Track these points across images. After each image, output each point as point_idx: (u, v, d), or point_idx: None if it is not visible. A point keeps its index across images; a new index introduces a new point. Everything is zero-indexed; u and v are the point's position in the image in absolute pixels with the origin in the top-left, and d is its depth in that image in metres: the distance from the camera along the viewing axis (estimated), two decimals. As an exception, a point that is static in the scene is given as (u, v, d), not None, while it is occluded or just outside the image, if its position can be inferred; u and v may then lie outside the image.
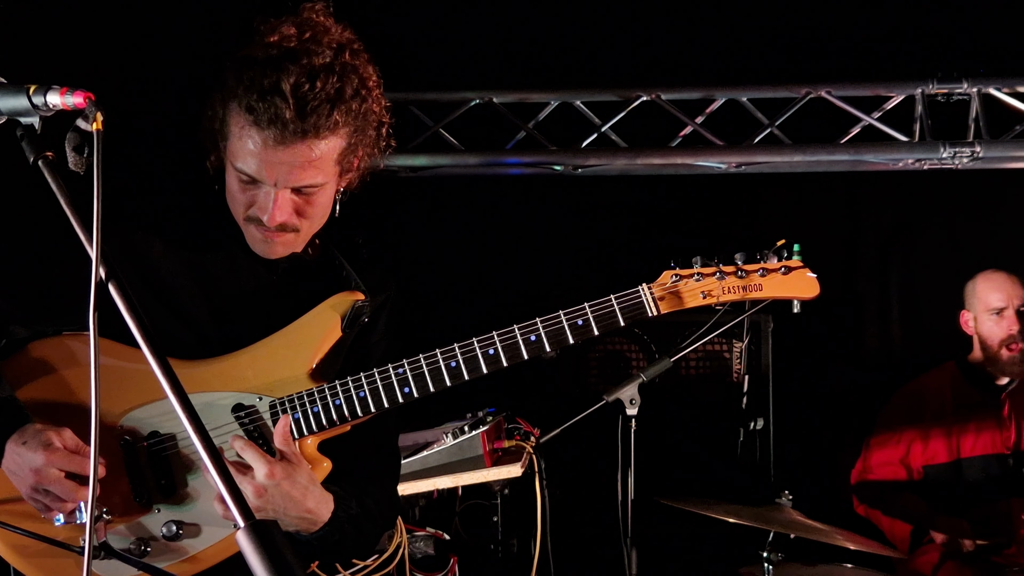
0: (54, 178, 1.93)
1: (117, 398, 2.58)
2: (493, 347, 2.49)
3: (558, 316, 2.51)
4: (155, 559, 2.53)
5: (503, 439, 4.65)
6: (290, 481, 2.43)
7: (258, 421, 2.55)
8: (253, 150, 2.44)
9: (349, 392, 2.52)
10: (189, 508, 2.56)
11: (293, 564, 1.61)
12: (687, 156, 5.94)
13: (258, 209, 2.52)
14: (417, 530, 4.45)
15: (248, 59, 2.44)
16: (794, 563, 4.73)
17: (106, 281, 1.81)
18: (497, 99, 6.08)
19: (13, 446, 2.46)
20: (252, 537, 1.62)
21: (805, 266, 2.54)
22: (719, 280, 2.52)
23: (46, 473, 2.43)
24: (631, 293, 2.52)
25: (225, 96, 2.48)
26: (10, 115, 1.99)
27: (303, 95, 2.38)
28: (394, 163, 6.06)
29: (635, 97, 5.97)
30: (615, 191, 6.40)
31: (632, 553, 4.29)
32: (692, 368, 5.92)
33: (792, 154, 5.82)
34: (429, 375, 2.50)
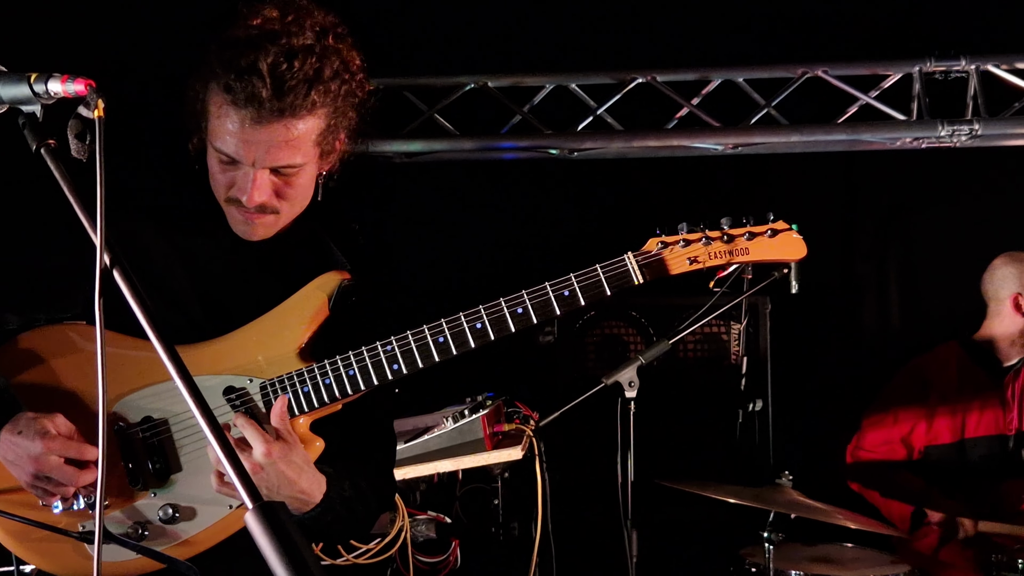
0: (56, 165, 1.94)
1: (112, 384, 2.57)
2: (480, 321, 2.50)
3: (544, 288, 2.51)
4: (152, 543, 2.54)
5: (503, 423, 4.65)
6: (286, 461, 2.44)
7: (249, 403, 2.55)
8: (231, 129, 2.44)
9: (339, 371, 2.53)
10: (184, 491, 2.56)
11: (301, 545, 1.62)
12: (683, 138, 5.94)
13: (237, 190, 2.52)
14: (419, 514, 4.45)
15: (228, 39, 2.44)
16: (795, 543, 4.75)
17: (111, 267, 1.81)
18: (492, 83, 6.07)
19: (8, 436, 2.46)
20: (260, 518, 1.62)
21: (791, 228, 2.54)
22: (705, 245, 2.52)
23: (45, 460, 2.43)
24: (616, 262, 2.52)
25: (205, 76, 2.48)
26: (11, 103, 2.00)
27: (280, 74, 2.38)
28: (389, 149, 6.06)
29: (630, 79, 5.96)
30: (611, 174, 6.38)
31: (633, 535, 4.30)
32: (690, 351, 5.92)
33: (789, 134, 5.82)
34: (417, 351, 2.51)
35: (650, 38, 6.00)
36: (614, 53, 6.05)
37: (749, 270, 4.73)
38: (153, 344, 1.77)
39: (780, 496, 4.35)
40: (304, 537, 1.65)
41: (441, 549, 4.50)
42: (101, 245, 1.81)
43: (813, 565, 4.61)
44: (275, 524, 1.62)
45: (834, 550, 4.82)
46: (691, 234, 2.53)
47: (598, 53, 6.08)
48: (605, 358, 5.90)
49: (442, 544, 4.50)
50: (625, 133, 5.98)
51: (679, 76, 5.97)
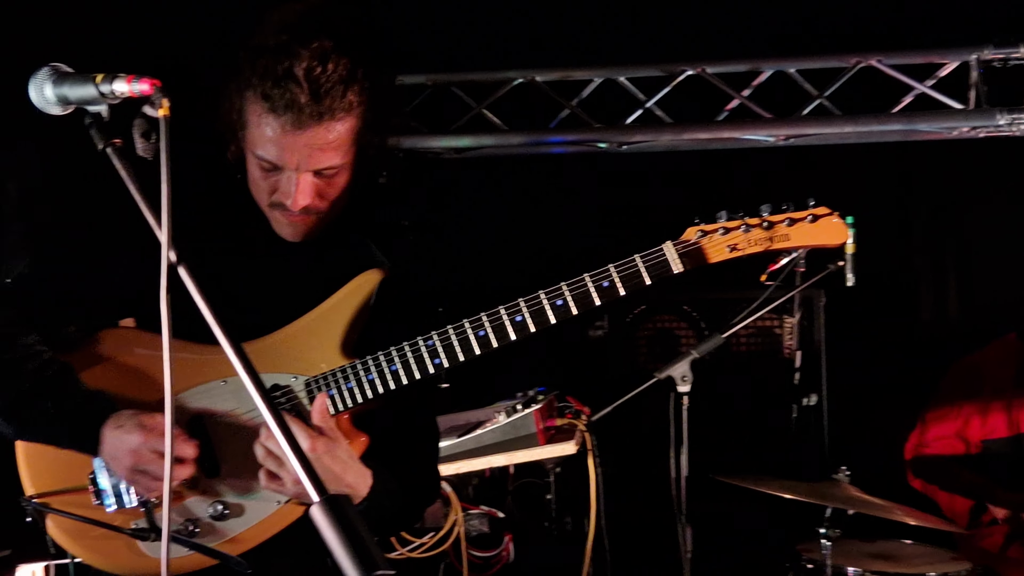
0: (123, 165, 1.98)
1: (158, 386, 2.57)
2: (520, 314, 2.51)
3: (583, 279, 2.51)
4: (202, 540, 2.58)
5: (555, 417, 4.64)
6: (331, 456, 2.46)
7: (295, 400, 2.58)
8: (272, 136, 2.47)
9: (381, 366, 2.55)
10: (234, 487, 2.59)
11: (366, 537, 1.64)
12: (734, 130, 5.90)
13: (281, 195, 2.55)
14: (472, 508, 4.46)
15: (260, 47, 2.46)
16: (852, 539, 4.67)
17: (177, 264, 1.85)
18: (540, 78, 6.06)
19: (110, 432, 2.51)
20: (327, 511, 1.64)
21: (833, 212, 2.50)
22: (745, 232, 2.49)
23: (142, 454, 2.48)
24: (655, 251, 2.51)
25: (240, 86, 2.50)
26: (78, 104, 2.05)
27: (316, 78, 2.40)
28: (437, 145, 6.07)
29: (680, 71, 5.92)
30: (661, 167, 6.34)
31: (687, 530, 4.28)
32: (743, 344, 5.88)
33: (842, 125, 5.75)
34: (458, 344, 2.53)
35: (700, 29, 5.96)
36: (663, 45, 6.01)
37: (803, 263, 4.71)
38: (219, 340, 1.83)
39: (837, 491, 4.31)
40: (370, 530, 1.67)
41: (494, 543, 4.51)
42: (168, 242, 1.85)
43: (871, 562, 4.54)
44: (341, 516, 1.64)
45: (893, 547, 4.74)
46: (730, 222, 2.50)
47: (647, 45, 6.04)
48: (657, 352, 5.89)
49: (495, 538, 4.52)
50: (675, 126, 5.94)
51: (729, 67, 5.92)
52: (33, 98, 2.07)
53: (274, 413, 1.76)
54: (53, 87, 2.05)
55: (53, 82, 2.05)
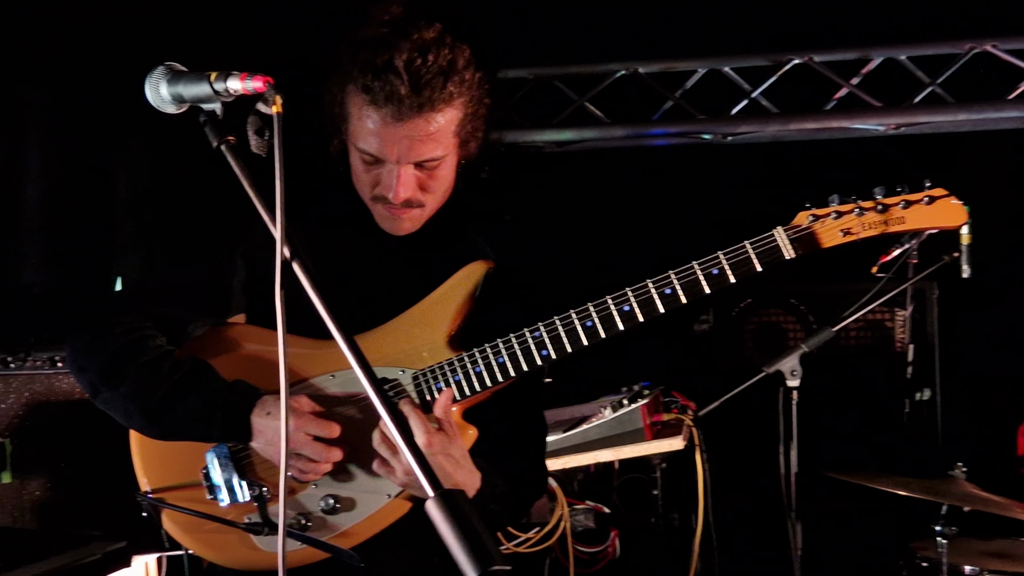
0: (236, 162, 2.00)
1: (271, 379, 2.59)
2: (628, 303, 2.49)
3: (692, 267, 2.48)
4: (316, 532, 2.58)
5: (662, 412, 4.62)
6: (445, 454, 2.46)
7: (403, 394, 2.58)
8: (373, 129, 2.49)
9: (488, 359, 2.55)
10: (345, 482, 2.59)
11: (482, 532, 1.65)
12: (843, 119, 5.84)
13: (383, 187, 2.56)
14: (577, 503, 4.45)
15: (360, 40, 2.48)
16: (969, 538, 4.57)
17: (291, 260, 1.89)
18: (642, 69, 6.05)
19: (259, 419, 2.53)
20: (442, 506, 1.65)
21: (950, 193, 2.44)
22: (858, 216, 2.43)
23: (296, 437, 2.49)
24: (766, 237, 2.47)
25: (341, 79, 2.53)
26: (192, 102, 2.07)
27: (416, 70, 2.42)
28: (540, 138, 6.09)
29: (786, 60, 5.88)
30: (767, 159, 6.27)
31: (797, 527, 4.22)
32: (853, 338, 5.78)
33: (956, 113, 5.66)
34: (565, 336, 2.51)
35: (806, 17, 5.87)
36: (769, 34, 5.95)
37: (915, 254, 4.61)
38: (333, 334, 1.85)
39: (953, 488, 4.22)
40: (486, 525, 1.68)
41: (600, 539, 4.50)
42: (281, 238, 1.87)
43: (989, 560, 4.44)
44: (456, 511, 1.65)
45: (1011, 545, 4.63)
46: (843, 205, 2.45)
47: (752, 34, 5.98)
48: (764, 346, 5.82)
49: (601, 534, 4.50)
50: (781, 116, 5.91)
51: (837, 56, 5.87)
52: (149, 97, 2.10)
53: (388, 405, 1.77)
54: (168, 86, 2.07)
55: (168, 81, 2.08)
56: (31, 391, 4.48)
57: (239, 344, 2.70)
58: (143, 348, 2.61)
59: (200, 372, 2.60)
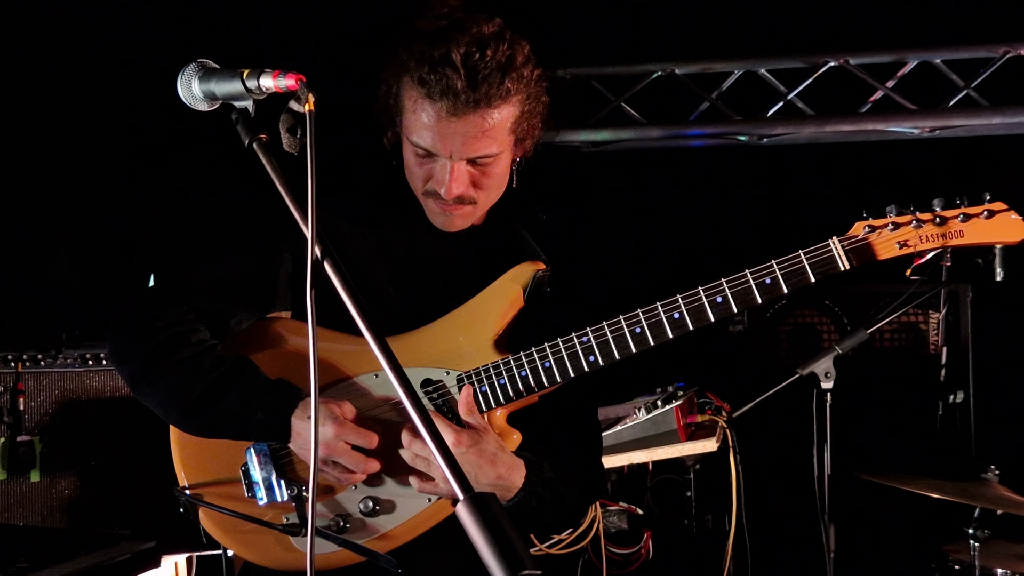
0: (268, 159, 1.99)
1: None
2: (678, 311, 2.44)
3: (744, 276, 2.43)
4: (352, 535, 2.57)
5: (696, 413, 4.62)
6: (477, 449, 2.44)
7: (447, 395, 2.56)
8: (427, 123, 2.45)
9: (534, 362, 2.51)
10: (385, 484, 2.58)
11: (512, 535, 1.62)
12: (878, 122, 5.82)
13: (435, 182, 2.53)
14: (611, 504, 4.46)
15: (417, 32, 2.46)
16: (1002, 540, 4.57)
17: (321, 259, 1.85)
18: (679, 70, 6.04)
19: (298, 423, 2.50)
20: (471, 509, 1.63)
21: (1010, 208, 2.39)
22: (916, 228, 2.39)
23: (335, 446, 2.47)
24: (821, 247, 2.42)
25: (397, 71, 2.50)
26: (224, 99, 2.06)
27: (473, 64, 2.38)
28: (576, 138, 6.09)
29: (822, 63, 5.86)
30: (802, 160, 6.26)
31: (830, 529, 4.22)
32: (887, 340, 5.77)
33: (991, 116, 5.63)
34: (614, 342, 2.47)
35: (842, 20, 5.87)
36: (805, 36, 5.94)
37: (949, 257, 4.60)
38: (358, 336, 1.80)
39: (986, 491, 4.22)
40: (516, 529, 1.65)
41: (633, 540, 4.50)
42: (312, 238, 1.85)
43: (1021, 563, 4.44)
44: (486, 515, 1.63)
45: (1045, 549, 4.64)
46: (900, 217, 2.40)
47: (788, 36, 5.97)
48: (798, 348, 5.80)
49: (634, 535, 4.50)
50: (817, 118, 5.89)
51: (873, 58, 5.84)
52: (181, 94, 2.09)
53: (419, 410, 1.75)
54: (200, 83, 2.06)
55: (200, 78, 2.07)
56: (61, 389, 4.48)
57: (284, 339, 2.68)
58: (184, 343, 2.58)
59: (241, 370, 2.57)
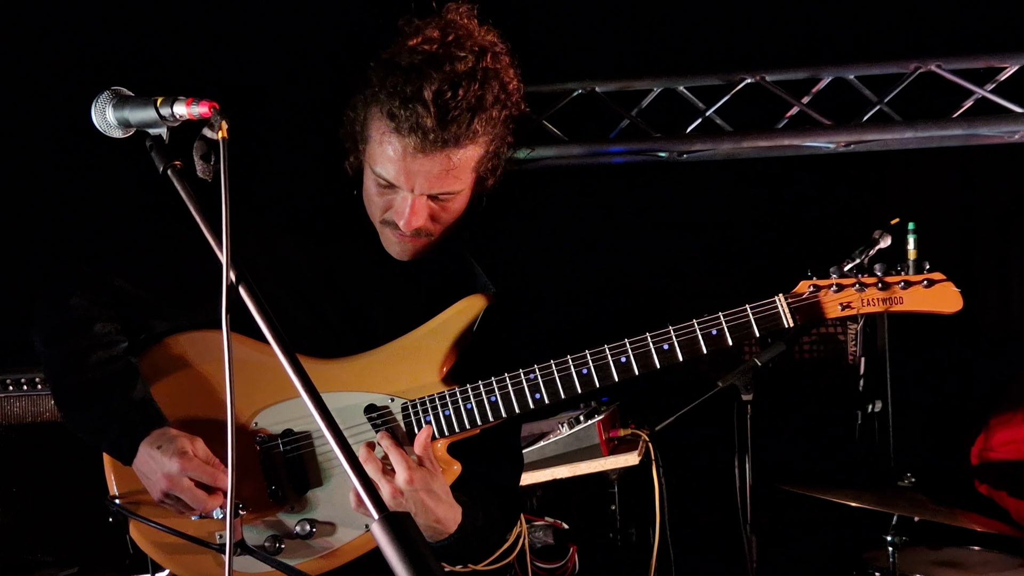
0: (183, 186, 1.99)
1: (252, 395, 2.61)
2: (625, 355, 2.48)
3: (691, 326, 2.48)
4: (289, 556, 2.57)
5: (618, 428, 4.65)
6: (426, 490, 2.45)
7: (391, 422, 2.57)
8: (392, 156, 2.46)
9: (480, 396, 2.53)
10: (323, 506, 2.58)
11: (427, 555, 1.64)
12: (794, 137, 5.88)
13: (395, 214, 2.54)
14: (536, 520, 4.47)
15: (391, 63, 2.46)
16: (919, 546, 4.66)
17: (236, 284, 1.86)
18: (599, 88, 6.06)
19: (147, 448, 2.49)
20: (386, 529, 1.65)
21: (948, 279, 2.50)
22: (858, 292, 2.47)
23: (178, 481, 2.46)
24: (767, 304, 2.48)
25: (367, 99, 2.50)
26: (139, 127, 2.07)
27: (444, 103, 2.39)
28: (497, 157, 6.07)
29: (739, 80, 5.91)
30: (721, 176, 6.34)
31: (752, 540, 4.26)
32: (806, 352, 5.85)
33: (903, 131, 5.71)
34: (560, 381, 2.50)
35: (758, 38, 5.95)
36: (722, 54, 6.01)
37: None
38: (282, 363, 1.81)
39: (903, 498, 4.29)
40: (431, 548, 1.68)
41: (559, 555, 4.51)
42: (227, 263, 1.85)
43: (938, 569, 4.52)
44: (401, 535, 1.64)
45: (960, 553, 4.72)
46: (844, 279, 2.48)
47: (706, 54, 6.04)
48: (719, 361, 5.85)
49: (560, 550, 4.51)
50: (735, 134, 5.93)
51: (788, 75, 5.91)
52: (95, 121, 2.10)
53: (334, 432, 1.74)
54: (114, 111, 2.07)
55: (114, 105, 2.07)
56: (-21, 415, 4.39)
57: (212, 352, 2.66)
58: (86, 329, 2.58)
59: (122, 378, 2.56)
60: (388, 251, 2.65)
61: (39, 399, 4.28)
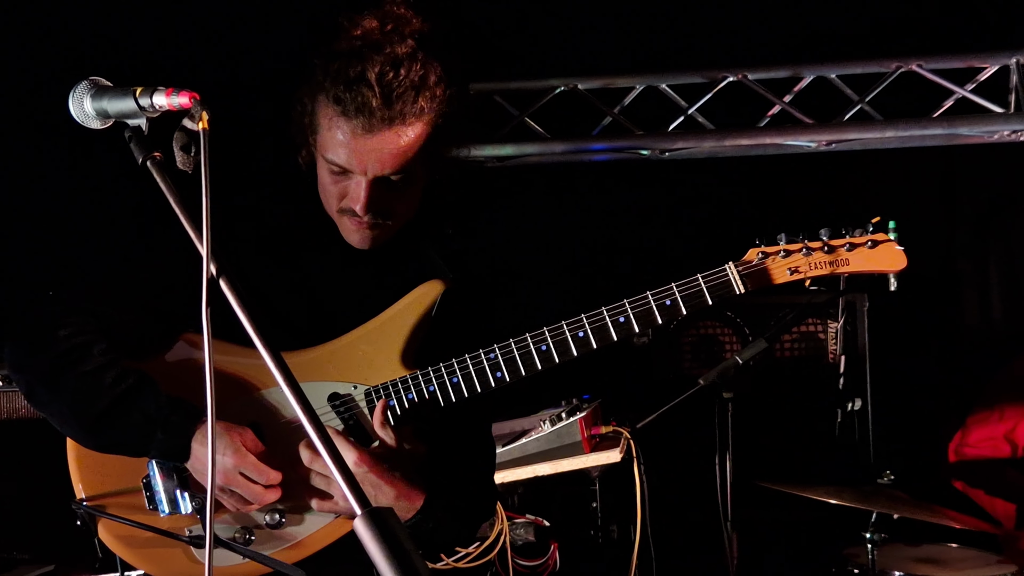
0: (162, 178, 1.97)
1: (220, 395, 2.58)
2: (582, 330, 2.53)
3: (646, 297, 2.53)
4: (260, 547, 2.57)
5: (600, 425, 4.66)
6: (379, 468, 2.48)
7: (354, 409, 2.60)
8: (342, 140, 2.49)
9: (442, 378, 2.57)
10: (291, 498, 2.58)
11: (410, 550, 1.63)
12: (776, 136, 5.90)
13: (350, 199, 2.56)
14: (517, 517, 4.48)
15: (333, 52, 2.49)
16: (898, 543, 4.70)
17: (217, 277, 1.84)
18: (582, 85, 6.08)
19: (198, 446, 2.51)
20: (369, 524, 1.64)
21: (892, 239, 2.53)
22: (805, 256, 2.52)
23: (234, 477, 2.49)
24: (718, 272, 2.54)
25: (313, 90, 2.53)
26: (117, 117, 2.04)
27: (388, 83, 2.42)
28: (481, 153, 6.09)
29: (721, 78, 5.93)
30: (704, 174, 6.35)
31: (733, 537, 4.29)
32: (787, 350, 5.86)
33: (884, 130, 5.74)
34: (520, 359, 2.54)
35: (741, 36, 5.96)
36: (704, 52, 6.02)
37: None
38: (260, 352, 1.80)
39: (882, 496, 4.32)
40: (414, 543, 1.66)
41: (540, 552, 4.51)
42: (208, 255, 1.84)
43: (917, 565, 4.56)
44: (384, 530, 1.63)
45: (938, 550, 4.76)
46: (791, 244, 2.53)
47: (688, 52, 6.05)
48: (701, 358, 5.87)
49: (541, 547, 4.52)
50: (717, 132, 5.95)
51: (770, 74, 5.93)
52: (73, 112, 2.06)
53: (317, 427, 1.75)
54: (92, 101, 2.04)
55: (92, 96, 2.04)
56: (-52, 411, 4.33)
57: (192, 355, 2.67)
58: (87, 354, 2.57)
59: (143, 387, 2.55)
60: (348, 241, 2.66)
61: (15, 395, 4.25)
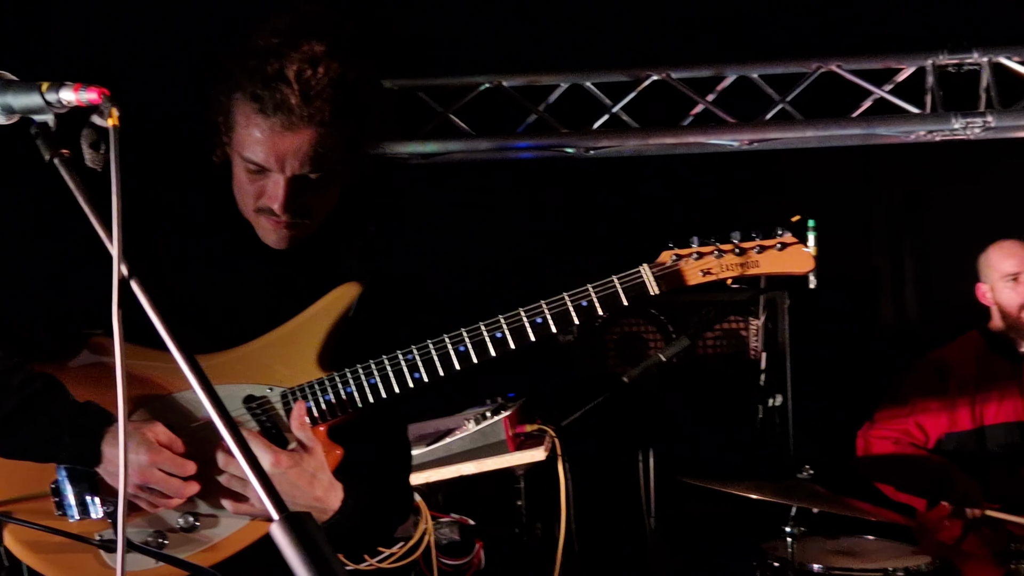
0: (71, 176, 1.90)
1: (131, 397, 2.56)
2: (500, 331, 2.55)
3: (562, 298, 2.57)
4: (174, 550, 2.54)
5: (524, 424, 4.67)
6: (297, 469, 2.46)
7: (271, 411, 2.58)
8: (260, 138, 2.46)
9: (359, 379, 2.57)
10: (206, 499, 2.55)
11: (328, 555, 1.62)
12: (699, 135, 5.94)
13: (268, 198, 2.53)
14: (442, 516, 4.48)
15: (250, 50, 2.46)
16: (816, 536, 4.78)
17: (128, 278, 1.80)
18: (506, 83, 6.07)
19: (109, 449, 2.46)
20: (287, 529, 1.62)
21: (800, 241, 2.60)
22: (717, 258, 2.58)
23: (151, 473, 2.45)
24: (632, 273, 2.59)
25: (229, 87, 2.49)
26: (23, 113, 1.96)
27: (307, 80, 2.40)
28: (404, 150, 6.07)
29: (645, 76, 5.96)
30: (627, 172, 6.40)
31: (655, 532, 4.32)
32: (709, 347, 5.93)
33: (804, 129, 5.81)
34: (438, 360, 2.55)
35: (664, 35, 6.01)
36: (629, 51, 6.05)
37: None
38: (172, 354, 1.77)
39: (801, 490, 4.39)
40: (333, 546, 1.65)
41: (465, 551, 4.51)
42: (118, 256, 1.80)
43: (835, 558, 4.65)
44: (302, 535, 1.62)
45: (856, 543, 4.86)
46: (703, 247, 2.59)
47: (613, 51, 6.08)
48: (625, 356, 5.92)
49: (466, 546, 4.52)
50: (641, 131, 5.97)
51: (694, 73, 5.97)
52: None
53: (231, 430, 1.72)
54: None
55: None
56: None
57: (101, 359, 2.62)
58: None
59: (51, 391, 2.51)
60: (265, 241, 2.63)
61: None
